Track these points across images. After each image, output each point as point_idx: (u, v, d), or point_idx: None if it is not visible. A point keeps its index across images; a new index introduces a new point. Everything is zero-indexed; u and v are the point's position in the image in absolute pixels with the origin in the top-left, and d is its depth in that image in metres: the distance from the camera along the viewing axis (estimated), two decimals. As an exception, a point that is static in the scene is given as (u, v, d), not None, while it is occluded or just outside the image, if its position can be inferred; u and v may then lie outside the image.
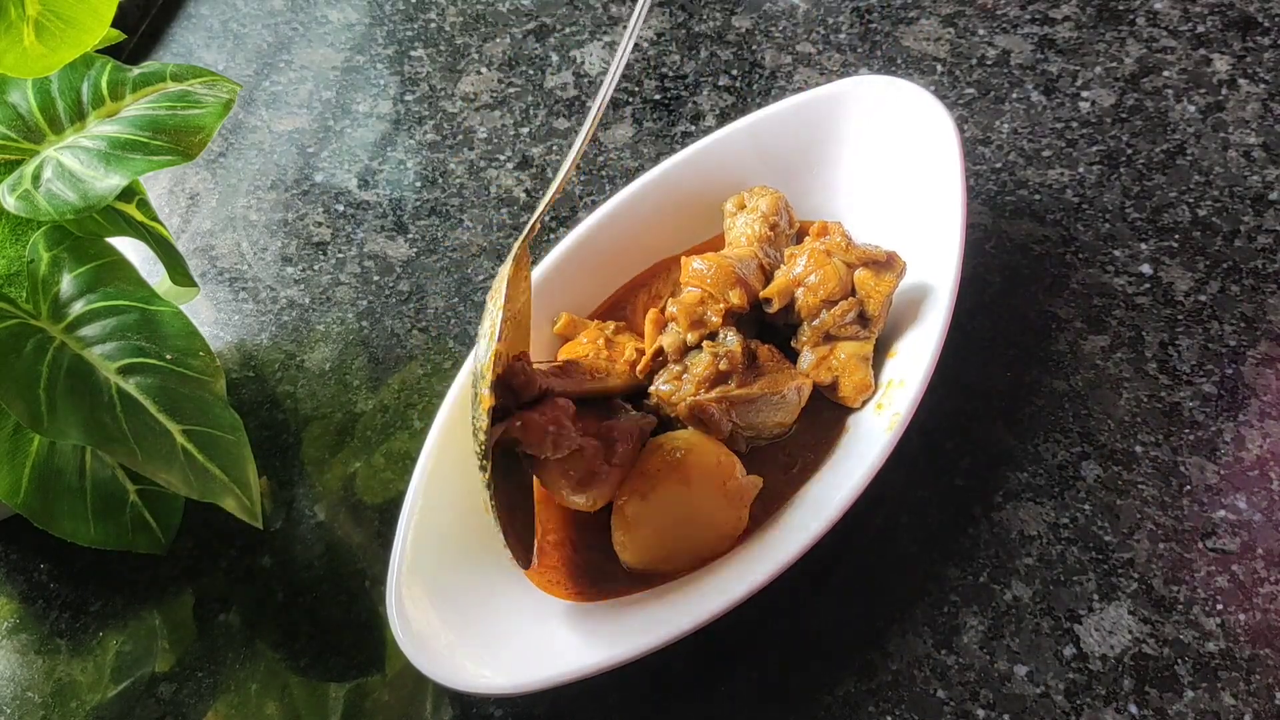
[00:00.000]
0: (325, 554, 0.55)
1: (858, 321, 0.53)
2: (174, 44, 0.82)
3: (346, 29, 0.81)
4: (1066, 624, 0.50)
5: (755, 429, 0.52)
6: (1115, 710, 0.47)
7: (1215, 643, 0.48)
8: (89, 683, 0.53)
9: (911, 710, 0.48)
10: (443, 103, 0.75)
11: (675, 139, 0.70)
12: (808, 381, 0.53)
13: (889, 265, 0.53)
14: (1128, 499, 0.53)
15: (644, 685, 0.50)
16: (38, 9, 0.44)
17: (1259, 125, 0.65)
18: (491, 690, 0.46)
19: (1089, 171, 0.65)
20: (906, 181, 0.58)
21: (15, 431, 0.49)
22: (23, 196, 0.46)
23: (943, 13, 0.74)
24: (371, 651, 0.52)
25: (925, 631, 0.50)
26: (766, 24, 0.76)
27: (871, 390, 0.53)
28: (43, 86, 0.50)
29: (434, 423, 0.53)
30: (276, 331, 0.65)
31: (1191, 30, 0.71)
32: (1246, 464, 0.53)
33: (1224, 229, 0.61)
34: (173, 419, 0.47)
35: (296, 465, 0.59)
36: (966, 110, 0.68)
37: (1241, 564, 0.50)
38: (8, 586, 0.56)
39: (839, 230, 0.55)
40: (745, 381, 0.51)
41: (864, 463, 0.48)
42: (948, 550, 0.52)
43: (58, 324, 0.47)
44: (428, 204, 0.70)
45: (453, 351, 0.62)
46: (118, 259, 0.50)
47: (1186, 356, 0.57)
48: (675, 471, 0.49)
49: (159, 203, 0.72)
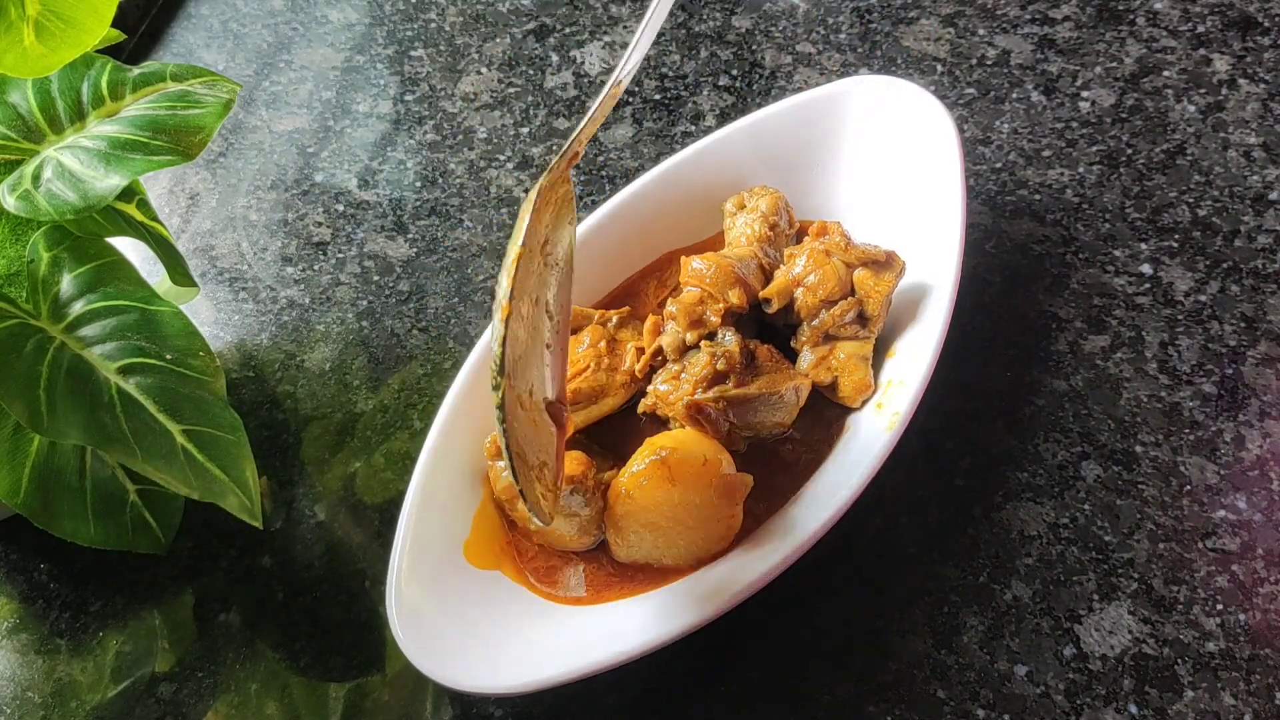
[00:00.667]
0: (325, 554, 0.55)
1: (857, 321, 0.53)
2: (174, 44, 0.82)
3: (346, 29, 0.81)
4: (1066, 624, 0.50)
5: (753, 428, 0.52)
6: (1115, 710, 0.47)
7: (1215, 643, 0.48)
8: (89, 683, 0.53)
9: (911, 710, 0.48)
10: (443, 103, 0.75)
11: (675, 139, 0.70)
12: (806, 382, 0.53)
13: (888, 265, 0.53)
14: (1128, 499, 0.53)
15: (644, 685, 0.50)
16: (38, 9, 0.44)
17: (1259, 125, 0.65)
18: (491, 690, 0.46)
19: (1089, 171, 0.65)
20: (906, 181, 0.58)
21: (15, 431, 0.49)
22: (23, 196, 0.46)
23: (943, 13, 0.74)
24: (371, 651, 0.52)
25: (925, 631, 0.50)
26: (766, 24, 0.76)
27: (871, 390, 0.53)
28: (43, 86, 0.50)
29: (434, 423, 0.53)
30: (276, 331, 0.65)
31: (1191, 30, 0.71)
32: (1246, 464, 0.53)
33: (1224, 229, 0.61)
34: (173, 419, 0.47)
35: (296, 465, 0.59)
36: (966, 110, 0.68)
37: (1241, 564, 0.50)
38: (8, 586, 0.56)
39: (838, 230, 0.55)
40: (743, 381, 0.51)
41: (864, 462, 0.49)
42: (948, 550, 0.52)
43: (58, 324, 0.47)
44: (428, 204, 0.70)
45: (453, 351, 0.62)
46: (118, 259, 0.50)
47: (1186, 356, 0.57)
48: (662, 469, 0.49)
49: (159, 203, 0.72)
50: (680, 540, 0.49)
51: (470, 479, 0.53)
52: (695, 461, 0.49)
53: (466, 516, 0.52)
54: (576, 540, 0.51)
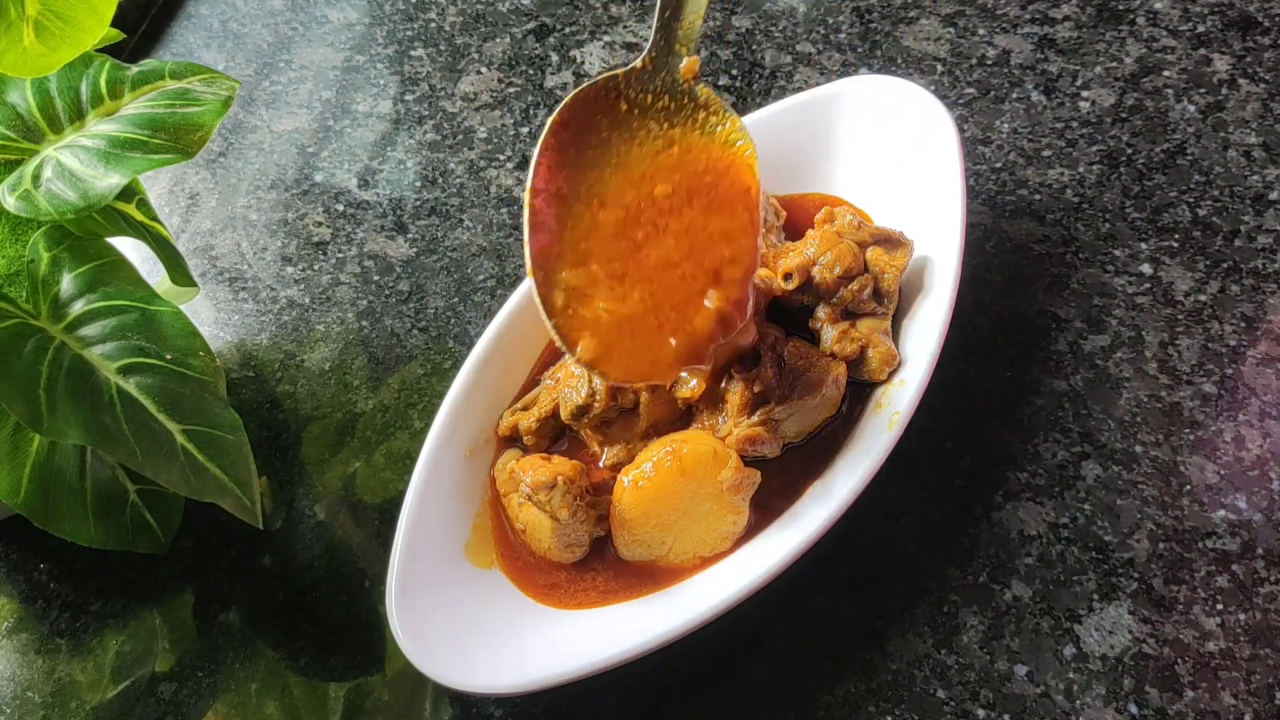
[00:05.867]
0: (325, 554, 0.55)
1: (874, 298, 0.53)
2: (174, 44, 0.81)
3: (346, 29, 0.81)
4: (1066, 624, 0.50)
5: (804, 432, 0.52)
6: (1115, 710, 0.47)
7: (1215, 643, 0.48)
8: (89, 683, 0.53)
9: (911, 710, 0.48)
10: (443, 103, 0.75)
11: (675, 139, 0.70)
12: (841, 366, 0.52)
13: (899, 242, 0.54)
14: (1128, 499, 0.53)
15: (644, 685, 0.50)
16: (38, 9, 0.44)
17: (1259, 125, 0.65)
18: (491, 690, 0.46)
19: (1089, 171, 0.65)
20: (906, 181, 0.58)
21: (15, 431, 0.49)
22: (23, 196, 0.46)
23: (943, 12, 0.74)
24: (371, 651, 0.52)
25: (925, 631, 0.50)
26: (766, 24, 0.76)
27: (898, 360, 0.52)
28: (42, 86, 0.50)
29: (434, 423, 0.53)
30: (276, 331, 0.65)
31: (1191, 30, 0.71)
32: (1246, 464, 0.53)
33: (1224, 229, 0.61)
34: (173, 419, 0.47)
35: (296, 465, 0.59)
36: (966, 110, 0.68)
37: (1241, 564, 0.50)
38: (8, 586, 0.56)
39: (846, 212, 0.55)
40: (784, 396, 0.51)
41: (864, 463, 0.49)
42: (948, 550, 0.52)
43: (58, 324, 0.47)
44: (428, 204, 0.70)
45: (453, 351, 0.62)
46: (118, 259, 0.50)
47: (1186, 356, 0.57)
48: (673, 461, 0.49)
49: (159, 203, 0.72)
50: (687, 535, 0.49)
51: (470, 479, 0.53)
52: (705, 454, 0.49)
53: (466, 516, 0.52)
54: (558, 550, 0.50)
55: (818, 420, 0.52)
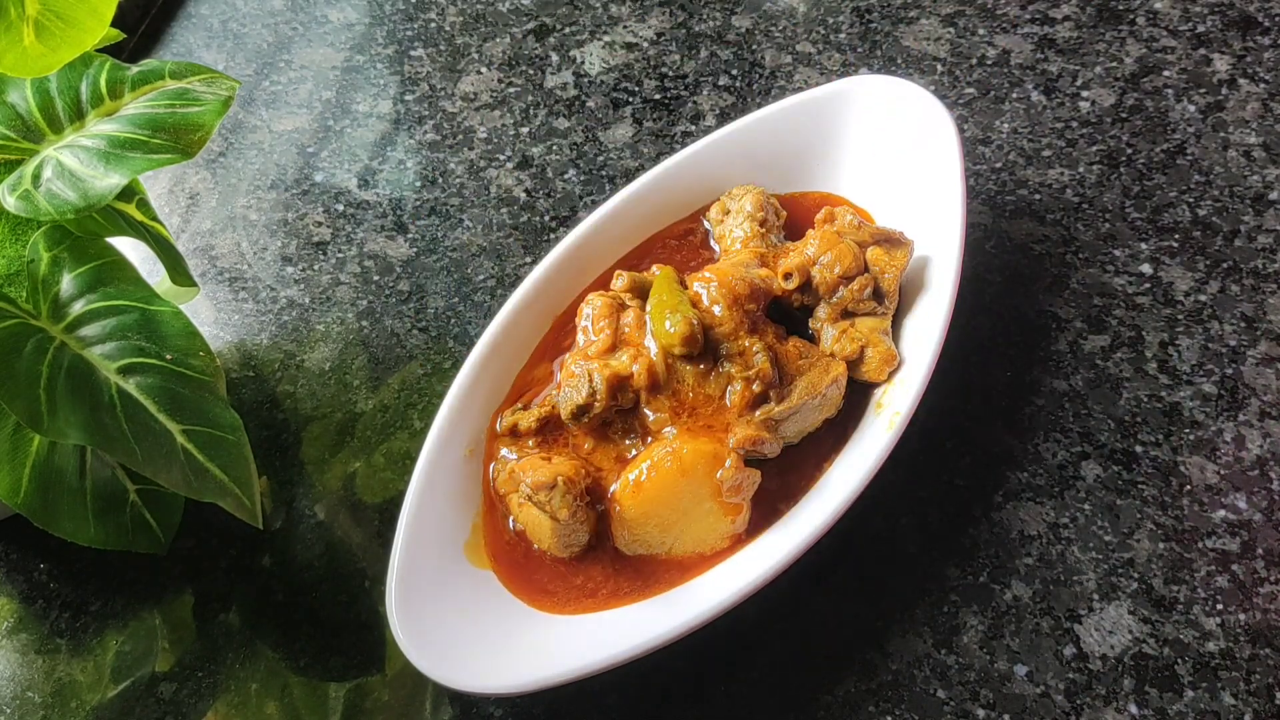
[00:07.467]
0: (325, 554, 0.55)
1: (874, 298, 0.53)
2: (174, 44, 0.81)
3: (346, 29, 0.81)
4: (1066, 624, 0.50)
5: (804, 432, 0.52)
6: (1115, 710, 0.47)
7: (1215, 643, 0.48)
8: (89, 683, 0.53)
9: (911, 710, 0.48)
10: (443, 103, 0.75)
11: (675, 139, 0.70)
12: (842, 367, 0.52)
13: (900, 242, 0.54)
14: (1128, 499, 0.53)
15: (644, 685, 0.50)
16: (38, 9, 0.44)
17: (1259, 125, 0.65)
18: (491, 690, 0.46)
19: (1089, 171, 0.65)
20: (906, 181, 0.58)
21: (15, 431, 0.49)
22: (23, 196, 0.46)
23: (943, 12, 0.74)
24: (371, 651, 0.52)
25: (925, 631, 0.50)
26: (766, 24, 0.76)
27: (898, 360, 0.52)
28: (42, 86, 0.50)
29: (434, 422, 0.53)
30: (276, 331, 0.65)
31: (1191, 30, 0.71)
32: (1246, 464, 0.53)
33: (1224, 229, 0.61)
34: (173, 419, 0.47)
35: (296, 465, 0.59)
36: (966, 110, 0.68)
37: (1241, 564, 0.50)
38: (8, 586, 0.56)
39: (846, 212, 0.55)
40: (783, 394, 0.51)
41: (864, 463, 0.49)
42: (948, 550, 0.52)
43: (58, 324, 0.47)
44: (428, 204, 0.70)
45: (453, 351, 0.62)
46: (118, 259, 0.50)
47: (1186, 356, 0.57)
48: (673, 460, 0.49)
49: (159, 203, 0.72)
50: (687, 534, 0.49)
51: (470, 479, 0.53)
52: (705, 454, 0.49)
53: (466, 516, 0.52)
54: (558, 550, 0.50)
55: (818, 420, 0.52)
